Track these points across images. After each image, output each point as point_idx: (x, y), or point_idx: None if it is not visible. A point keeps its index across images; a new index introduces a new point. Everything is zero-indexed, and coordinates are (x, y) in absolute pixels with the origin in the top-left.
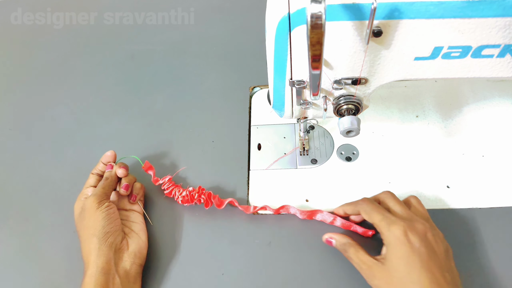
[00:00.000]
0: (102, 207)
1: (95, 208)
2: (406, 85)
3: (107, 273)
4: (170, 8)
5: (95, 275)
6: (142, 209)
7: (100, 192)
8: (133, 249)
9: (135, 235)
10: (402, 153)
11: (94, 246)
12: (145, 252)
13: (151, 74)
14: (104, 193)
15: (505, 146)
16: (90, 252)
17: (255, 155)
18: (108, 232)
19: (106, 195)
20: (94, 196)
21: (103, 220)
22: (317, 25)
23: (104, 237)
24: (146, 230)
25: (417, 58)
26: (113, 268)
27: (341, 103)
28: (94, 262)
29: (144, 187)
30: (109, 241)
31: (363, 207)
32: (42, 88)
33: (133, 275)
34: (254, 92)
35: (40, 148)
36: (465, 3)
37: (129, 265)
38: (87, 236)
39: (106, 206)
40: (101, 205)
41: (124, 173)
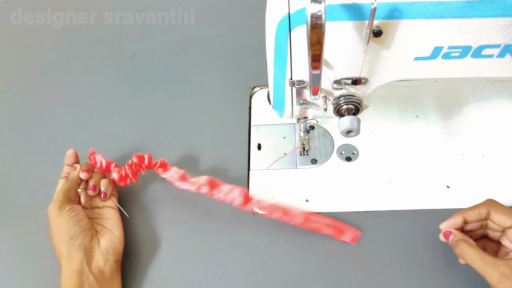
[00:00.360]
0: (63, 212)
1: (56, 215)
2: (406, 85)
3: (80, 274)
4: (170, 8)
5: (70, 278)
6: (116, 204)
7: (59, 198)
8: (105, 246)
9: (107, 231)
10: (402, 153)
11: (63, 252)
12: (120, 248)
13: (151, 74)
14: (65, 198)
15: (505, 146)
16: (61, 258)
17: (255, 155)
18: (74, 235)
19: (67, 199)
20: (54, 202)
21: (66, 224)
22: (317, 25)
23: (70, 241)
24: (122, 225)
25: (417, 58)
26: (86, 268)
27: (341, 103)
28: (66, 267)
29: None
30: (76, 243)
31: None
32: (42, 88)
33: (109, 272)
34: (254, 92)
35: (40, 148)
36: (465, 3)
37: (103, 263)
38: (55, 243)
39: (68, 210)
40: (62, 210)
41: (86, 176)
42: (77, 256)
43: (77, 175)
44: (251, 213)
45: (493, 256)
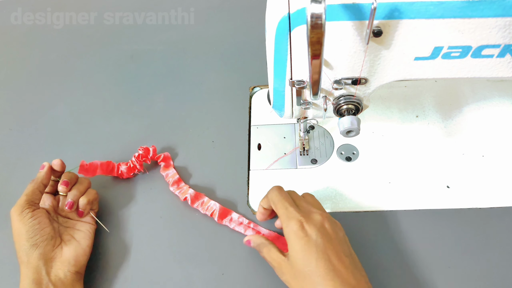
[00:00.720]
0: (24, 219)
1: (17, 220)
2: (406, 85)
3: (39, 283)
4: (170, 8)
5: (28, 286)
6: (95, 219)
7: (21, 201)
8: (67, 257)
9: (74, 242)
10: (402, 153)
11: (23, 259)
12: (83, 259)
13: (151, 74)
14: (27, 202)
15: (505, 146)
16: (21, 264)
17: (255, 155)
18: (34, 244)
19: (29, 203)
20: (16, 206)
21: (27, 233)
22: (317, 25)
23: (30, 250)
24: (92, 238)
25: (417, 58)
26: (45, 277)
27: (341, 103)
28: (25, 275)
29: (97, 194)
30: (36, 253)
31: (271, 196)
32: (42, 88)
33: (69, 282)
34: (254, 92)
35: (40, 148)
36: (465, 3)
37: (63, 273)
38: (16, 249)
39: (29, 218)
40: (22, 216)
41: (65, 190)
42: (36, 265)
43: (43, 176)
44: (251, 213)
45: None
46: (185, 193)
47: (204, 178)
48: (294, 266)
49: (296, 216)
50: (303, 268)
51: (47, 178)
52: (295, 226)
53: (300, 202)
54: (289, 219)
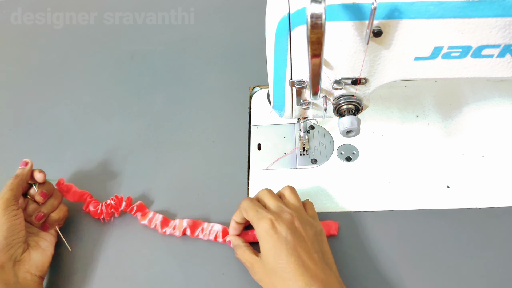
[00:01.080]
0: (7, 215)
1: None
2: (406, 85)
3: (7, 283)
4: (170, 8)
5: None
6: (60, 235)
7: (7, 196)
8: (35, 262)
9: (40, 249)
10: (402, 153)
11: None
12: (47, 266)
13: (151, 74)
14: (13, 196)
15: (505, 146)
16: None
17: (255, 155)
18: (9, 244)
19: (14, 199)
20: (0, 200)
21: (7, 230)
22: (317, 25)
23: (4, 248)
24: (53, 247)
25: (417, 58)
26: (12, 278)
27: (341, 103)
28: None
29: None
30: (9, 253)
31: (243, 206)
32: (42, 88)
33: (35, 286)
34: (254, 92)
35: (40, 148)
36: (465, 3)
37: (30, 277)
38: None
39: (12, 216)
40: (7, 212)
41: (41, 200)
42: (6, 265)
43: (27, 173)
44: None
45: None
46: (181, 227)
47: (204, 178)
48: (266, 264)
49: (267, 215)
50: (274, 265)
51: (29, 176)
52: (265, 225)
53: (273, 202)
54: (260, 220)
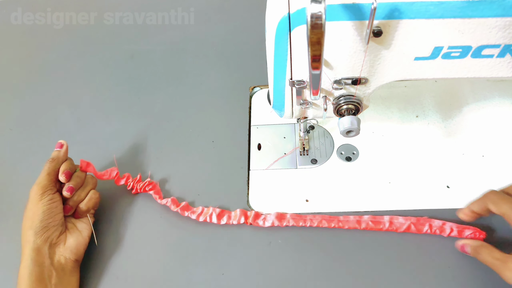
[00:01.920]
0: (44, 200)
1: (37, 200)
2: (406, 85)
3: (41, 265)
4: (170, 8)
5: (29, 267)
6: (91, 225)
7: (44, 181)
8: (69, 245)
9: (76, 231)
10: (402, 153)
11: (30, 239)
12: (83, 249)
13: (151, 74)
14: (49, 181)
15: (505, 146)
16: (25, 245)
17: (255, 155)
18: (46, 226)
19: (51, 183)
20: (38, 185)
21: (43, 214)
22: (317, 25)
23: (40, 231)
24: (92, 229)
25: (417, 58)
26: (47, 260)
27: (341, 103)
28: (28, 255)
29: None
30: (45, 235)
31: (490, 197)
32: (42, 88)
33: (69, 269)
34: (254, 92)
35: (40, 148)
36: (465, 3)
37: (64, 260)
38: (26, 227)
39: (48, 200)
40: (43, 197)
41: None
42: (41, 247)
43: (63, 155)
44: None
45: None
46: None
47: (204, 178)
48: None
49: None
50: None
51: (65, 157)
52: None
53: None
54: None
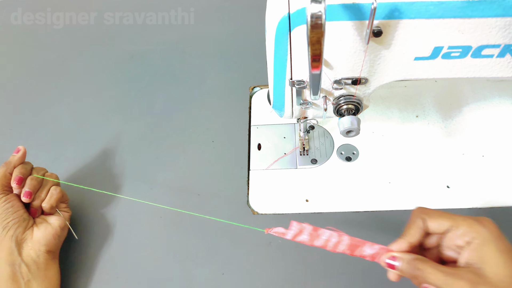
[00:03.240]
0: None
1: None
2: (406, 85)
3: (12, 264)
4: (170, 8)
5: (1, 268)
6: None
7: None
8: (37, 237)
9: (45, 223)
10: (402, 153)
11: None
12: (54, 239)
13: (150, 74)
14: (0, 185)
15: (505, 146)
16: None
17: (255, 155)
18: (6, 227)
19: (2, 187)
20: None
21: (0, 216)
22: (317, 25)
23: (2, 232)
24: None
25: (417, 58)
26: (17, 258)
27: (341, 103)
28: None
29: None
30: (8, 234)
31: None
32: (42, 88)
33: (42, 261)
34: (254, 92)
35: (40, 148)
36: (465, 3)
37: (35, 253)
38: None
39: (3, 201)
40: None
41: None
42: (8, 246)
43: (17, 160)
44: (251, 213)
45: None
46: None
47: (204, 178)
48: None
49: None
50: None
51: (19, 162)
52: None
53: None
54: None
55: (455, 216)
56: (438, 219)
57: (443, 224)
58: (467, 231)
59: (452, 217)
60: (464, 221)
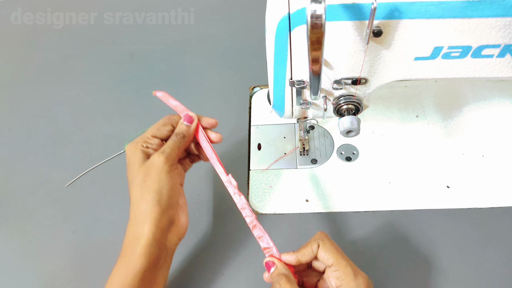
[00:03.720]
0: (173, 174)
1: (164, 172)
2: (406, 85)
3: (161, 247)
4: (170, 8)
5: (150, 248)
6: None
7: (173, 154)
8: (181, 224)
9: (185, 208)
10: (402, 153)
11: (154, 215)
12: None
13: (151, 74)
14: (176, 156)
15: (505, 146)
16: (146, 219)
17: (255, 155)
18: (171, 204)
19: (178, 158)
20: (166, 157)
21: (171, 190)
22: (317, 25)
23: (167, 208)
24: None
25: (417, 58)
26: (165, 241)
27: (341, 103)
28: (151, 233)
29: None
30: (169, 213)
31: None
32: (42, 88)
33: (173, 248)
34: (254, 92)
35: (40, 148)
36: (465, 3)
37: (174, 241)
38: (148, 200)
39: (177, 174)
40: (171, 170)
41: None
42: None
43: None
44: None
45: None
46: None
47: (204, 178)
48: None
49: (363, 274)
50: None
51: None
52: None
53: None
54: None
55: (340, 258)
56: (326, 252)
57: (329, 259)
58: (342, 277)
59: (337, 257)
60: (344, 268)
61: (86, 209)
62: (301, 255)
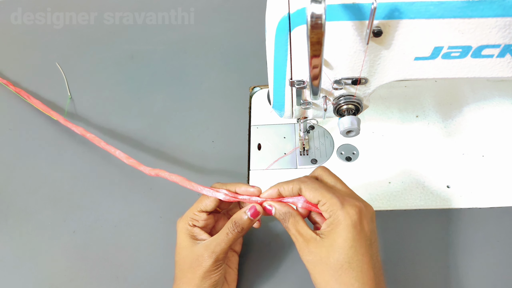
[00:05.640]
0: (218, 270)
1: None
2: (406, 85)
3: None
4: (170, 8)
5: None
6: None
7: (224, 248)
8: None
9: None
10: (402, 153)
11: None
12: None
13: (151, 74)
14: (227, 250)
15: (505, 146)
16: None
17: (255, 155)
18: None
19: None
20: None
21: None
22: (317, 25)
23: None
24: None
25: (417, 58)
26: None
27: (341, 103)
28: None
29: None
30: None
31: (307, 184)
32: (41, 88)
33: None
34: (254, 92)
35: (40, 148)
36: (465, 3)
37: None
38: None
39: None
40: (217, 266)
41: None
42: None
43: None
44: None
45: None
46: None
47: (204, 178)
48: (331, 252)
49: (353, 201)
50: (343, 258)
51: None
52: (352, 212)
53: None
54: (345, 203)
55: (325, 192)
56: (310, 192)
57: (315, 197)
58: (329, 209)
59: (321, 192)
60: (330, 199)
61: (86, 209)
62: (282, 189)
